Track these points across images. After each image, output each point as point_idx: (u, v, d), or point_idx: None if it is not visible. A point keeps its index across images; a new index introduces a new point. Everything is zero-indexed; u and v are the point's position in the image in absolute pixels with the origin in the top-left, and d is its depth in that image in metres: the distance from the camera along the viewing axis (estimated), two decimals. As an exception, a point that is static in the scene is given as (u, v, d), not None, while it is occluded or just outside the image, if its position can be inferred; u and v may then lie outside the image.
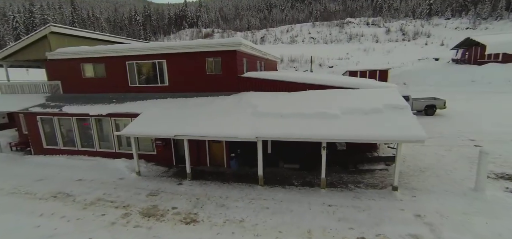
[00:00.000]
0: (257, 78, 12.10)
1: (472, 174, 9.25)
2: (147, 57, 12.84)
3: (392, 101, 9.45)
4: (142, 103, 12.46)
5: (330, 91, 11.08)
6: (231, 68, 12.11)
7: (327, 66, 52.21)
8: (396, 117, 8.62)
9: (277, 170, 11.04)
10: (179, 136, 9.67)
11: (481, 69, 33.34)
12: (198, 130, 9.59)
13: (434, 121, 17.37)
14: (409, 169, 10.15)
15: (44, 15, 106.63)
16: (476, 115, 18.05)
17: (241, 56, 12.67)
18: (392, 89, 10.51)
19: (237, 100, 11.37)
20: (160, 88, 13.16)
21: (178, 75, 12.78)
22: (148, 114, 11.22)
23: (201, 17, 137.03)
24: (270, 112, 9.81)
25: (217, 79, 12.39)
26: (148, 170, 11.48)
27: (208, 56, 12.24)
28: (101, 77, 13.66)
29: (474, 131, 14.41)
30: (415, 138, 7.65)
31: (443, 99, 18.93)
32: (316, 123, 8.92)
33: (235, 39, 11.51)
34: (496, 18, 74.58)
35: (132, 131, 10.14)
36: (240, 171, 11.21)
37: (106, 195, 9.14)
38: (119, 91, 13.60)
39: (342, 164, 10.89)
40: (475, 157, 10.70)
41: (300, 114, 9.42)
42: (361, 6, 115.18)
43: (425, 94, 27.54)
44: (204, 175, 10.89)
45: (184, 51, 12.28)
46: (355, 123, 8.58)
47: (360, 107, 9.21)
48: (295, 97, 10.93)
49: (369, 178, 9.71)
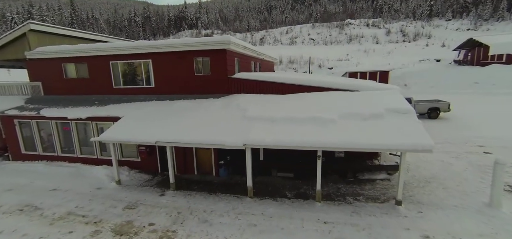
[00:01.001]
0: (249, 80, 11.24)
1: (484, 186, 8.36)
2: (132, 56, 11.98)
3: (394, 104, 8.58)
4: (125, 106, 11.60)
5: (327, 93, 10.21)
6: (221, 69, 11.25)
7: (326, 67, 51.37)
8: (399, 122, 7.75)
9: (270, 179, 10.16)
10: (160, 142, 8.79)
11: (485, 71, 32.46)
12: (181, 136, 8.71)
13: (438, 125, 16.48)
14: (413, 179, 9.26)
15: (43, 16, 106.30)
16: (482, 118, 17.16)
17: (232, 56, 11.82)
18: (394, 91, 9.64)
19: (226, 103, 10.51)
20: (146, 90, 12.29)
21: (164, 76, 11.92)
22: (130, 118, 10.36)
23: (200, 18, 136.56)
24: (260, 117, 8.94)
25: (206, 80, 11.53)
26: (130, 178, 10.60)
27: (196, 56, 11.39)
28: (83, 78, 12.80)
29: (482, 136, 13.51)
30: (421, 147, 6.77)
31: (447, 102, 18.05)
32: (311, 129, 8.05)
33: (224, 37, 10.66)
34: (498, 19, 73.76)
35: (110, 137, 9.27)
36: (229, 180, 10.33)
37: (78, 208, 8.25)
38: (103, 93, 12.74)
39: (340, 173, 10.00)
40: (486, 166, 9.83)
41: (293, 119, 8.55)
42: (361, 8, 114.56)
43: (427, 96, 26.67)
44: (190, 185, 10.01)
45: (170, 51, 11.43)
46: (354, 130, 7.71)
47: (359, 112, 8.34)
48: (288, 100, 10.06)
49: (370, 190, 8.81)
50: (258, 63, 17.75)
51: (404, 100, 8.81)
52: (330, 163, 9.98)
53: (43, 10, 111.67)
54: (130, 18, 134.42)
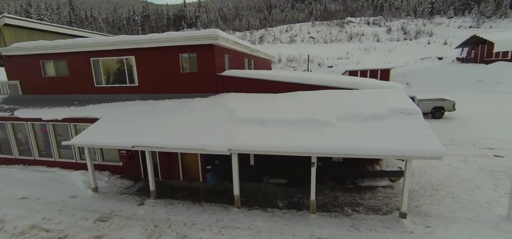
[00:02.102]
0: (239, 77, 10.35)
1: (499, 195, 7.47)
2: (114, 52, 11.10)
3: (399, 104, 7.68)
4: (106, 106, 10.72)
5: (324, 92, 9.32)
6: (209, 66, 10.37)
7: (326, 65, 50.39)
8: (404, 124, 6.85)
9: (261, 186, 9.28)
10: (138, 147, 7.92)
11: (489, 68, 31.48)
12: (161, 140, 7.84)
13: (443, 125, 15.57)
14: (419, 186, 8.37)
15: (41, 15, 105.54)
16: (489, 118, 16.23)
17: (221, 52, 10.93)
18: (397, 90, 8.74)
19: (213, 103, 9.63)
20: (129, 89, 11.42)
21: (148, 73, 11.04)
22: (108, 119, 9.49)
23: (200, 17, 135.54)
24: (249, 118, 8.06)
25: (193, 78, 10.65)
26: (109, 185, 9.74)
27: (182, 52, 10.50)
28: (63, 76, 11.92)
29: (491, 137, 12.60)
30: (430, 153, 5.88)
31: (452, 101, 17.13)
32: (305, 132, 7.16)
33: (211, 31, 9.77)
34: (501, 16, 72.61)
35: (82, 140, 8.40)
36: (217, 187, 9.46)
37: (45, 221, 7.39)
38: (84, 92, 11.86)
39: (338, 180, 9.12)
40: (498, 171, 8.93)
41: (286, 120, 7.66)
42: (361, 6, 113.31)
43: (430, 94, 25.75)
44: (173, 192, 9.14)
45: (154, 46, 10.53)
46: (353, 133, 6.82)
47: (358, 112, 7.45)
48: (282, 100, 9.18)
49: (371, 199, 7.93)
50: (252, 61, 16.86)
51: (409, 100, 7.92)
52: (327, 168, 9.10)
53: (41, 9, 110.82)
54: (129, 17, 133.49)
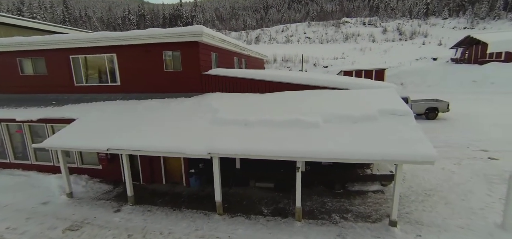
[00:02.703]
0: (225, 76, 9.89)
1: (493, 201, 7.12)
2: (94, 50, 10.56)
3: (390, 105, 7.30)
4: (84, 106, 10.19)
5: (312, 92, 8.90)
6: (193, 64, 9.89)
7: (322, 66, 50.16)
8: (395, 126, 6.46)
9: (246, 190, 8.83)
10: (113, 150, 7.42)
11: (483, 69, 31.43)
12: (138, 143, 7.34)
13: (437, 126, 15.28)
14: (410, 191, 8.00)
15: (33, 13, 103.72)
16: (483, 119, 15.99)
17: (207, 50, 10.46)
18: (389, 90, 8.35)
19: (197, 103, 9.15)
20: (110, 88, 10.88)
21: (131, 72, 10.53)
22: (85, 120, 8.96)
23: (196, 17, 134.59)
24: (233, 119, 7.61)
25: (177, 77, 10.16)
26: (86, 189, 9.20)
27: (165, 49, 10.01)
28: (41, 75, 11.34)
29: (485, 139, 12.32)
30: (421, 157, 5.49)
31: (446, 101, 16.86)
32: (290, 134, 6.73)
33: (195, 27, 9.29)
34: (494, 17, 73.25)
35: (54, 143, 7.86)
36: (201, 191, 8.98)
37: (9, 231, 6.85)
38: (64, 91, 11.29)
39: (327, 184, 8.71)
40: (492, 175, 8.60)
41: (271, 122, 7.23)
42: (357, 6, 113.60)
43: (424, 95, 25.55)
44: (154, 197, 8.65)
45: (136, 43, 10.02)
46: (340, 135, 6.41)
47: (347, 113, 7.04)
48: (268, 100, 8.74)
49: (360, 205, 7.52)
50: (243, 60, 16.41)
51: (400, 100, 7.54)
52: (316, 172, 8.69)
53: (34, 8, 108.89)
54: (124, 16, 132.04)
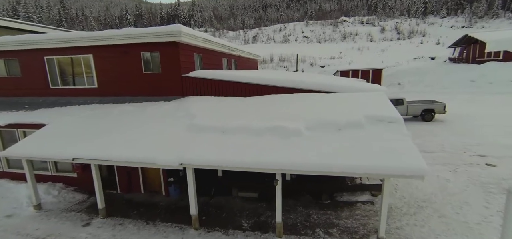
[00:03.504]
0: (207, 79, 9.31)
1: (490, 214, 6.59)
2: (69, 50, 9.98)
3: (378, 110, 6.74)
4: (58, 111, 9.59)
5: (298, 96, 8.34)
6: (173, 66, 9.32)
7: (319, 65, 49.60)
8: (383, 135, 5.91)
9: (228, 201, 8.26)
10: (79, 159, 6.84)
11: (481, 68, 30.92)
12: (107, 152, 6.76)
13: (433, 129, 14.75)
14: (402, 202, 7.45)
15: (28, 13, 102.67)
16: (480, 121, 15.47)
17: (189, 50, 9.89)
18: (378, 94, 7.79)
19: (175, 107, 8.57)
20: (87, 91, 10.31)
21: (108, 74, 9.96)
22: (55, 126, 8.36)
23: (194, 16, 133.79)
24: (210, 126, 7.04)
25: (156, 80, 9.59)
26: (58, 200, 8.62)
27: (144, 50, 9.44)
28: (15, 77, 10.76)
29: (482, 143, 11.78)
30: (410, 171, 4.93)
31: (442, 103, 16.32)
32: (270, 143, 6.17)
33: (173, 26, 8.71)
34: (492, 16, 72.90)
35: (17, 152, 7.27)
36: (180, 201, 8.40)
37: (-37, 250, 6.28)
38: (39, 94, 10.72)
39: (314, 194, 8.16)
40: (490, 184, 8.06)
41: (250, 129, 6.66)
42: (356, 6, 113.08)
43: (421, 95, 25.03)
44: (129, 209, 8.08)
45: (113, 43, 9.45)
46: (324, 144, 5.85)
47: (332, 120, 6.48)
48: (250, 104, 8.18)
49: (347, 218, 6.97)
50: (233, 60, 15.84)
51: (390, 105, 6.98)
52: (302, 181, 8.14)
53: (30, 7, 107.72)
54: (121, 15, 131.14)
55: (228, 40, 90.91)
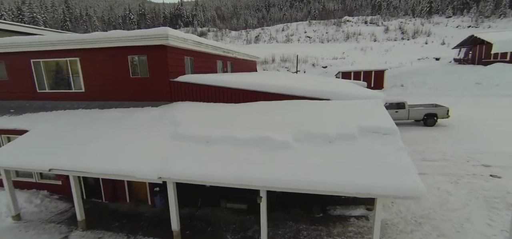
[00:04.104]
0: (195, 84, 8.93)
1: (494, 233, 6.10)
2: (56, 53, 9.68)
3: (372, 120, 6.28)
4: (43, 116, 9.31)
5: (288, 103, 7.91)
6: (161, 70, 8.95)
7: (321, 66, 49.00)
8: (377, 149, 5.45)
9: (216, 212, 7.88)
10: (56, 170, 6.50)
11: (487, 70, 30.08)
12: (85, 163, 6.41)
13: (435, 134, 14.18)
14: (398, 218, 6.98)
15: (33, 13, 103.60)
16: (485, 126, 14.86)
17: (178, 54, 9.52)
18: (374, 102, 7.32)
19: (161, 114, 8.21)
20: (75, 95, 10.00)
21: (95, 78, 9.63)
22: (36, 133, 8.05)
23: (197, 16, 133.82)
24: (194, 135, 6.65)
25: (144, 84, 9.24)
26: (40, 209, 8.32)
27: (131, 53, 9.09)
28: (2, 80, 10.50)
29: (487, 151, 11.22)
30: (404, 191, 4.49)
31: (445, 107, 15.73)
32: (255, 155, 5.77)
33: (160, 29, 8.33)
34: (500, 16, 71.33)
35: (-8, 162, 6.97)
36: (165, 212, 7.97)
37: None
38: (25, 98, 10.44)
39: (305, 207, 7.73)
40: (494, 198, 7.55)
41: (235, 139, 6.26)
42: (360, 5, 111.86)
43: (424, 98, 24.38)
44: (111, 220, 7.74)
45: (100, 46, 9.12)
46: (312, 158, 5.42)
47: (322, 131, 6.04)
48: (239, 111, 7.77)
49: (339, 234, 6.53)
50: (229, 63, 15.46)
51: (386, 115, 6.51)
52: (293, 193, 7.68)
53: (35, 7, 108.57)
54: (125, 15, 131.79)
55: (230, 40, 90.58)
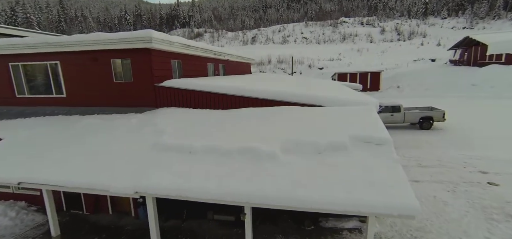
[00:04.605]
0: (181, 89, 8.51)
1: (493, 249, 5.77)
2: (36, 56, 9.21)
3: (365, 129, 5.92)
4: (21, 122, 8.84)
5: (279, 109, 7.53)
6: (145, 74, 8.53)
7: (317, 67, 48.80)
8: (369, 161, 5.08)
9: (202, 224, 7.46)
10: (25, 183, 6.03)
11: (482, 71, 30.06)
12: (57, 176, 5.96)
13: (430, 138, 13.91)
14: (393, 231, 6.62)
15: (26, 13, 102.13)
16: (482, 130, 14.63)
17: (165, 57, 9.10)
18: (368, 108, 6.95)
19: (144, 121, 7.77)
20: (56, 100, 9.52)
21: (77, 82, 9.18)
22: (8, 142, 7.57)
23: (193, 17, 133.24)
24: (177, 145, 6.23)
25: (128, 89, 8.80)
26: (14, 223, 7.82)
27: (114, 57, 8.65)
28: (-20, 85, 10.00)
29: (484, 156, 10.94)
30: (398, 209, 4.12)
31: (442, 110, 15.48)
32: (240, 167, 5.36)
33: (143, 32, 7.92)
34: (494, 17, 71.92)
35: (-42, 174, 6.48)
36: (148, 225, 7.59)
37: None
38: (4, 104, 9.93)
39: (296, 219, 7.34)
40: (492, 208, 7.24)
41: (219, 149, 5.85)
42: (356, 6, 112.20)
43: (420, 99, 24.21)
44: (89, 234, 7.28)
45: (82, 49, 8.67)
46: (300, 171, 5.04)
47: (312, 140, 5.66)
48: (225, 119, 7.37)
49: (331, 250, 6.16)
50: (221, 65, 15.05)
51: (379, 123, 6.15)
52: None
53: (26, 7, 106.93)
54: (121, 16, 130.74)
55: (226, 41, 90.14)
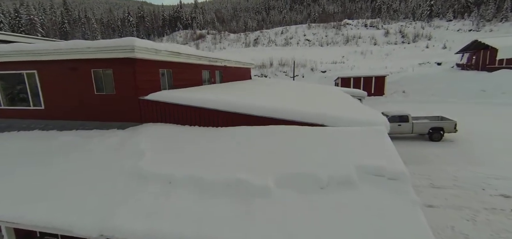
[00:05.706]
0: (166, 103, 7.66)
1: None
2: (12, 65, 8.45)
3: (375, 158, 5.00)
4: (-7, 139, 8.06)
5: (275, 129, 6.63)
6: (128, 86, 7.70)
7: (319, 70, 47.85)
8: (381, 202, 4.18)
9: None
10: (-20, 218, 5.23)
11: (493, 77, 28.89)
12: (11, 207, 5.14)
13: (441, 151, 12.90)
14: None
15: (30, 15, 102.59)
16: (497, 142, 13.58)
17: (150, 67, 8.26)
18: (377, 130, 6.01)
19: (125, 139, 6.94)
20: (33, 113, 8.75)
21: (56, 94, 8.39)
22: (-26, 163, 6.79)
23: (196, 19, 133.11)
24: (156, 173, 5.38)
25: (110, 102, 7.98)
26: (-19, 252, 7.02)
27: (95, 67, 7.85)
28: (-46, 96, 9.26)
29: (503, 175, 9.93)
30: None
31: (453, 121, 14.47)
32: (224, 208, 4.50)
33: (125, 40, 7.10)
34: (501, 19, 70.24)
35: None
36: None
37: None
38: (-20, 116, 9.21)
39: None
40: (522, 246, 6.24)
41: (203, 182, 4.99)
42: (360, 8, 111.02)
43: (429, 106, 23.17)
44: (62, 269, 6.45)
45: (60, 58, 7.88)
46: (296, 214, 4.15)
47: (313, 171, 4.77)
48: (213, 139, 6.51)
49: None
50: (217, 72, 14.21)
51: (391, 149, 5.22)
52: None
53: (30, 9, 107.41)
54: (124, 18, 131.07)
55: (229, 43, 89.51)
